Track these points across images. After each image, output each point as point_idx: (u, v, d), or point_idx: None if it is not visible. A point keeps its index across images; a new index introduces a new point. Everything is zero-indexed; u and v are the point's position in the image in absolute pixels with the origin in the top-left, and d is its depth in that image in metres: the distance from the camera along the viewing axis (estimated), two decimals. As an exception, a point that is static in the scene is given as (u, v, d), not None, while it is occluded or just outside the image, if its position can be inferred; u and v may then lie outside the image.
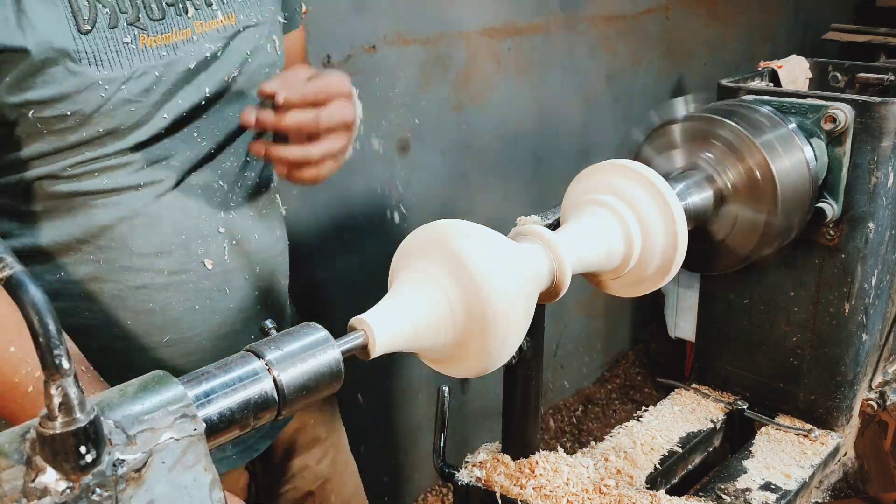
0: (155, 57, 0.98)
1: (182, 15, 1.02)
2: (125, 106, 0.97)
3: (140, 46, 0.97)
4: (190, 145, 1.07)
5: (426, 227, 0.79)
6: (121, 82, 0.95)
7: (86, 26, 0.92)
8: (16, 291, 0.44)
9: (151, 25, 0.98)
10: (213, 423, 0.58)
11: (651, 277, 0.91)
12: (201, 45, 1.04)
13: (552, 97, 2.80)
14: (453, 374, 0.80)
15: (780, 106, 1.08)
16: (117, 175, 1.02)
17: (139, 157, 1.03)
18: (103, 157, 1.00)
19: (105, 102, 0.95)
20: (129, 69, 0.95)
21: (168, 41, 1.00)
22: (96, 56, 0.92)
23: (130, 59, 0.96)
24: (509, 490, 0.97)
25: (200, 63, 1.04)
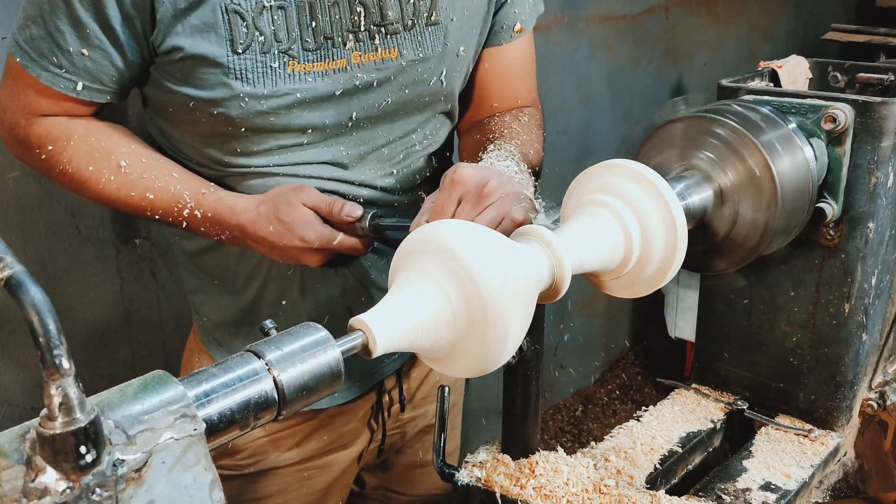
0: (300, 81, 1.08)
1: (339, 47, 1.09)
2: (264, 117, 1.08)
3: (288, 71, 1.07)
4: (334, 157, 1.16)
5: (426, 227, 0.79)
6: (261, 98, 1.07)
7: (239, 49, 1.04)
8: (16, 291, 0.44)
9: (303, 55, 1.07)
10: (213, 423, 0.58)
11: (651, 277, 0.91)
12: (353, 75, 1.11)
13: (552, 97, 2.80)
14: (453, 374, 0.80)
15: (780, 106, 1.08)
16: (264, 171, 1.14)
17: (282, 160, 1.14)
18: (252, 155, 1.13)
19: (246, 111, 1.07)
20: (270, 88, 1.07)
21: (318, 69, 1.09)
22: (243, 74, 1.05)
23: (274, 81, 1.07)
24: (509, 490, 0.97)
25: (349, 90, 1.12)
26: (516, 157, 1.14)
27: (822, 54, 2.64)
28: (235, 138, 1.12)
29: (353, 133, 1.16)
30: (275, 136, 1.12)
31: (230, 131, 1.11)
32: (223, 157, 1.14)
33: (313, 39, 1.07)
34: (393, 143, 1.20)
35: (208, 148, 1.15)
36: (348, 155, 1.17)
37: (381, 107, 1.15)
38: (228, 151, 1.14)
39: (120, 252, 1.66)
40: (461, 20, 1.18)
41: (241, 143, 1.12)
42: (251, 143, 1.12)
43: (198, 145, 1.15)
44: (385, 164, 1.21)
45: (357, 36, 1.10)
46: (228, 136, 1.12)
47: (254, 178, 1.15)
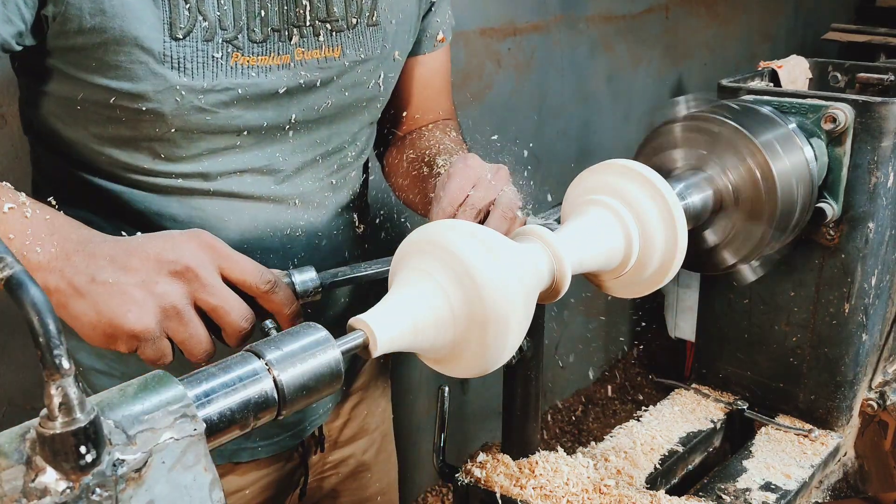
0: (242, 76, 0.99)
1: (285, 41, 1.02)
2: (200, 114, 0.97)
3: (230, 63, 0.97)
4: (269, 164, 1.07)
5: (426, 226, 0.79)
6: (199, 92, 0.96)
7: (179, 34, 0.92)
8: (16, 291, 0.44)
9: (248, 46, 0.98)
10: (213, 423, 0.58)
11: (651, 278, 0.91)
12: (297, 73, 1.04)
13: (552, 97, 2.80)
14: (453, 374, 0.80)
15: (780, 106, 1.08)
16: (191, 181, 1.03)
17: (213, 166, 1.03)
18: (178, 160, 1.01)
19: (180, 107, 0.95)
20: (210, 81, 0.96)
21: (262, 63, 1.00)
22: (181, 63, 0.94)
23: (215, 73, 0.96)
24: (509, 490, 0.97)
25: (292, 89, 1.04)
26: None
27: (822, 54, 2.64)
28: (160, 141, 0.99)
29: (289, 136, 1.08)
30: (207, 137, 1.01)
31: (156, 133, 0.98)
32: (138, 164, 1.01)
33: (260, 30, 0.99)
34: (330, 154, 1.14)
35: (121, 152, 1.00)
36: (284, 161, 1.08)
37: (320, 109, 1.09)
38: (149, 155, 1.01)
39: (120, 252, 1.66)
40: (398, 23, 1.14)
41: (166, 146, 1.00)
42: (178, 147, 1.00)
43: (105, 149, 1.01)
44: (322, 175, 1.14)
45: (301, 31, 1.03)
46: (152, 139, 0.99)
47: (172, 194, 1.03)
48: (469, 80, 2.45)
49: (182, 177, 1.03)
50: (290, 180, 1.10)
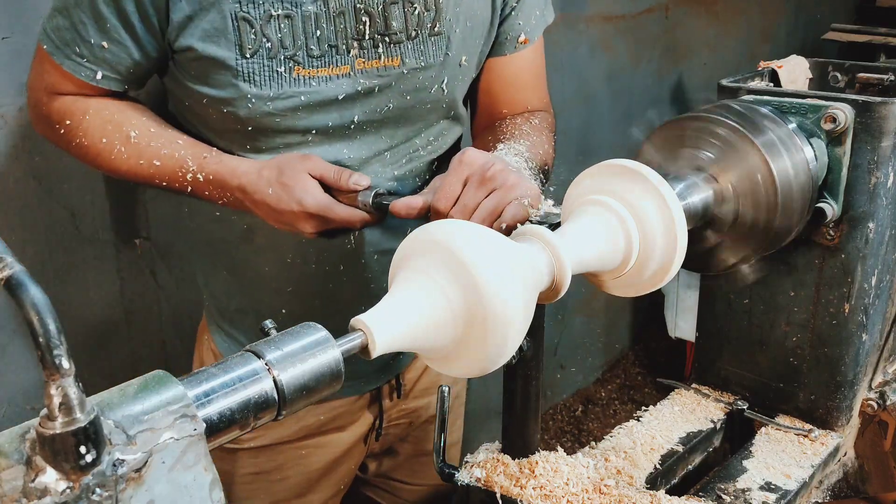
0: (305, 85, 1.12)
1: (343, 54, 1.13)
2: (270, 117, 1.13)
3: (293, 75, 1.11)
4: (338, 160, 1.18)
5: (426, 227, 0.79)
6: (267, 100, 1.11)
7: (247, 53, 1.09)
8: (16, 291, 0.44)
9: (308, 60, 1.11)
10: (213, 423, 0.58)
11: (651, 277, 0.91)
12: (356, 81, 1.15)
13: (552, 97, 2.80)
14: (453, 373, 0.80)
15: (780, 106, 1.08)
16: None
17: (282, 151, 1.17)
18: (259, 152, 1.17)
19: (252, 112, 1.12)
20: (276, 91, 1.11)
21: (322, 74, 1.13)
22: (251, 76, 1.10)
23: (280, 84, 1.11)
24: (509, 490, 0.97)
25: (352, 95, 1.15)
26: (525, 155, 1.18)
27: (822, 54, 2.65)
28: (243, 135, 1.16)
29: (356, 136, 1.19)
30: (280, 135, 1.16)
31: (238, 129, 1.15)
32: (232, 150, 1.19)
33: (318, 47, 1.11)
34: (396, 148, 1.23)
35: (219, 140, 1.20)
36: (351, 158, 1.20)
37: (382, 111, 1.19)
38: (237, 146, 1.18)
39: (120, 252, 1.66)
40: (464, 31, 1.21)
41: (249, 140, 1.17)
42: (257, 141, 1.17)
43: (210, 137, 1.20)
44: (388, 168, 1.24)
45: (361, 44, 1.13)
46: (237, 133, 1.16)
47: None
48: (469, 80, 2.45)
49: None
50: (357, 170, 1.18)
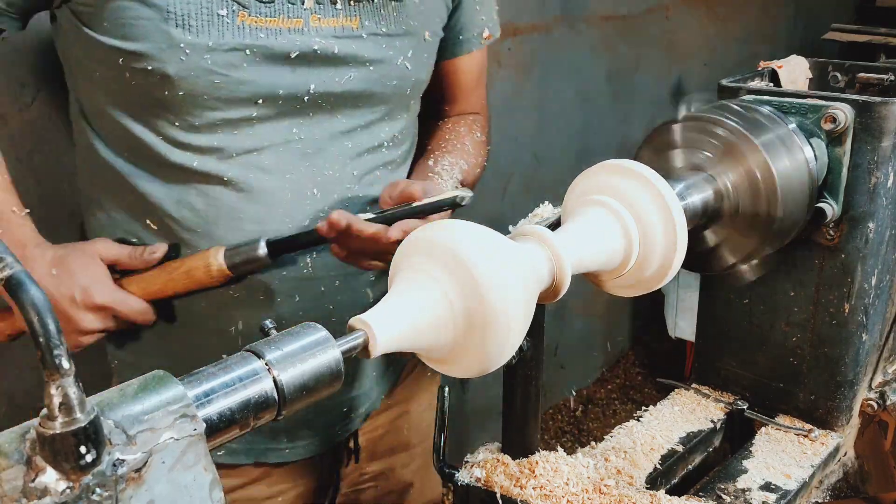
0: (250, 36, 0.95)
1: (296, 4, 0.98)
2: (208, 76, 0.95)
3: (237, 22, 0.94)
4: (288, 143, 1.03)
5: (426, 226, 0.79)
6: (203, 51, 0.93)
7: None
8: (16, 291, 0.44)
9: (255, 5, 0.96)
10: (213, 423, 0.58)
11: (651, 277, 0.91)
12: (311, 38, 1.00)
13: (552, 97, 2.80)
14: (453, 374, 0.80)
15: (780, 106, 1.08)
16: (206, 160, 1.02)
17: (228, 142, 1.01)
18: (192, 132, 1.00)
19: (186, 67, 0.94)
20: (215, 40, 0.93)
21: (271, 24, 0.97)
22: (185, 19, 0.92)
23: (221, 31, 0.94)
24: (509, 490, 0.97)
25: (307, 55, 1.00)
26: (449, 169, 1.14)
27: (822, 54, 2.64)
28: (172, 107, 0.98)
29: (309, 112, 1.04)
30: (219, 105, 0.98)
31: (166, 97, 0.97)
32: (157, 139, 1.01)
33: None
34: (355, 133, 1.09)
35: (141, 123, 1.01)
36: (302, 139, 1.05)
37: (342, 82, 1.04)
38: (165, 125, 1.00)
39: (120, 252, 1.66)
40: (424, 3, 1.11)
41: (178, 114, 0.98)
42: (191, 115, 0.99)
43: (120, 116, 1.01)
44: (348, 163, 1.09)
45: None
46: (161, 106, 0.98)
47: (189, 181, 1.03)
48: (469, 80, 2.45)
49: (197, 151, 1.01)
50: (311, 160, 1.06)
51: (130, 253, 1.02)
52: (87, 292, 0.98)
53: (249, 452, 1.18)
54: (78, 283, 0.98)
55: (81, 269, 0.98)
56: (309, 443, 1.22)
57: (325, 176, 1.08)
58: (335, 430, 1.25)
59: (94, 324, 1.00)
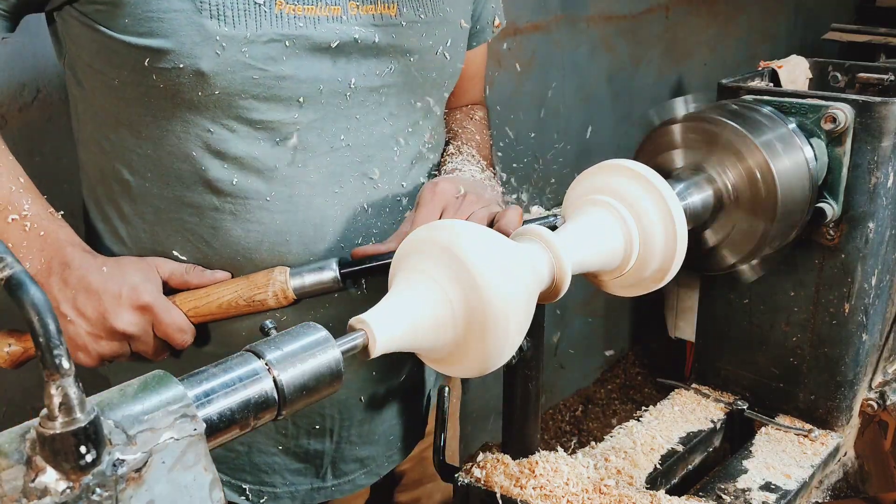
0: (289, 25, 0.89)
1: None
2: (245, 71, 0.88)
3: (275, 11, 0.88)
4: (333, 150, 0.98)
5: (426, 227, 0.79)
6: (241, 43, 0.87)
7: None
8: (16, 291, 0.44)
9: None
10: (213, 423, 0.58)
11: (651, 277, 0.91)
12: (350, 27, 0.94)
13: (552, 97, 2.80)
14: (453, 373, 0.80)
15: (780, 106, 1.08)
16: (248, 177, 0.95)
17: (271, 153, 0.94)
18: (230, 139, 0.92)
19: (222, 62, 0.87)
20: (253, 31, 0.87)
21: (310, 13, 0.90)
22: (220, 9, 0.85)
23: (258, 21, 0.87)
24: (509, 490, 0.97)
25: (347, 45, 0.94)
26: (477, 159, 1.11)
27: (822, 54, 2.64)
28: (206, 111, 0.90)
29: (353, 110, 0.98)
30: (257, 105, 0.91)
31: (199, 98, 0.89)
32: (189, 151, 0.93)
33: None
34: (402, 136, 1.04)
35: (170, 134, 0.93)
36: (350, 146, 0.99)
37: (382, 74, 0.99)
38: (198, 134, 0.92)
39: (120, 252, 1.66)
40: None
41: (211, 118, 0.91)
42: (227, 120, 0.91)
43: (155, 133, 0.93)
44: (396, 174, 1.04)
45: None
46: (196, 110, 0.90)
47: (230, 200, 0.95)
48: (469, 80, 2.45)
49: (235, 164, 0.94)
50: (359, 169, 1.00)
51: (188, 269, 0.96)
52: (136, 290, 0.92)
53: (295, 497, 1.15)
54: (128, 280, 0.92)
55: (135, 269, 0.94)
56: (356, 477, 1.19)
57: (376, 189, 1.02)
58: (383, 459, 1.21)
59: (130, 326, 0.92)
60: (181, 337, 0.95)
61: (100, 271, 0.92)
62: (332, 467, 1.16)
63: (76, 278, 0.92)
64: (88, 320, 0.92)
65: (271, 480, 1.12)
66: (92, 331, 0.93)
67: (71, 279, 0.92)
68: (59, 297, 0.91)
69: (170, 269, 0.96)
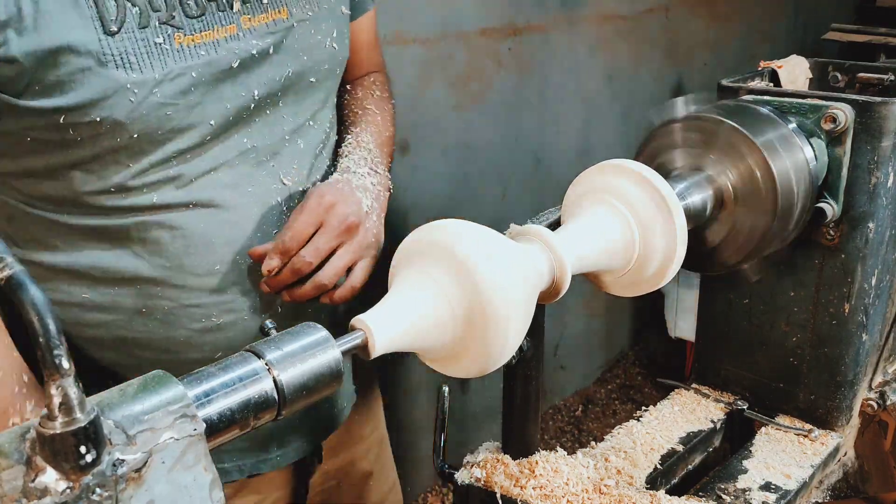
0: (192, 56, 0.92)
1: (226, 10, 0.95)
2: (159, 110, 0.90)
3: (175, 46, 0.90)
4: (242, 154, 1.01)
5: (426, 227, 0.79)
6: (152, 85, 0.89)
7: (112, 27, 0.86)
8: (16, 291, 0.44)
9: (188, 23, 0.92)
10: (213, 423, 0.58)
11: (651, 277, 0.91)
12: (247, 42, 0.97)
13: (552, 97, 2.80)
14: (453, 374, 0.80)
15: (780, 106, 1.08)
16: (165, 191, 0.97)
17: (185, 168, 0.97)
18: (148, 170, 0.95)
19: (137, 107, 0.88)
20: (161, 71, 0.89)
21: (208, 38, 0.93)
22: (124, 58, 0.86)
23: (163, 61, 0.89)
24: (509, 490, 0.97)
25: (246, 61, 0.97)
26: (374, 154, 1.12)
27: (822, 54, 2.64)
28: (125, 151, 0.92)
29: (256, 117, 1.01)
30: (172, 137, 0.94)
31: (117, 143, 0.91)
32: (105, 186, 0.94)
33: (195, 3, 0.92)
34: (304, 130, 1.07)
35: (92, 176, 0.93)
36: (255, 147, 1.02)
37: (281, 79, 1.01)
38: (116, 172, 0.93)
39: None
40: None
41: (133, 156, 0.92)
42: (144, 154, 0.93)
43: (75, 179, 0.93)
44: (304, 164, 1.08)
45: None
46: (115, 152, 0.92)
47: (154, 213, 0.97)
48: (469, 80, 2.45)
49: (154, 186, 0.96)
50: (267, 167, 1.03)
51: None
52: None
53: (241, 469, 1.17)
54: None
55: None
56: (298, 445, 1.22)
57: (286, 183, 1.06)
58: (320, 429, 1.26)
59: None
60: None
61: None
62: (278, 440, 1.18)
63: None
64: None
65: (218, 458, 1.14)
66: None
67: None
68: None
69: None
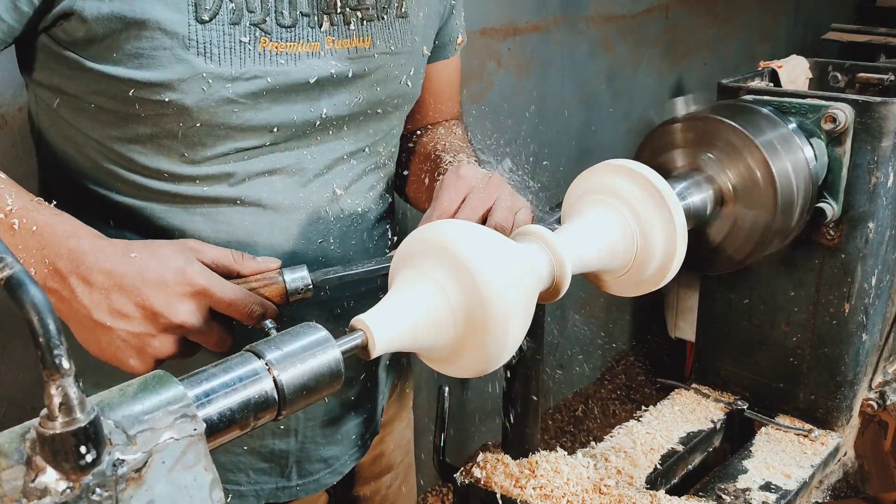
0: (272, 63, 0.93)
1: (315, 28, 0.96)
2: (227, 105, 0.91)
3: (258, 49, 0.91)
4: (298, 163, 1.01)
5: (426, 227, 0.79)
6: (226, 80, 0.90)
7: (205, 16, 0.87)
8: (16, 291, 0.44)
9: (277, 31, 0.93)
10: (213, 423, 0.58)
11: (651, 277, 0.91)
12: (327, 62, 0.98)
13: (552, 97, 2.80)
14: (453, 374, 0.80)
15: (780, 106, 1.08)
16: (216, 185, 0.97)
17: (240, 167, 0.97)
18: (203, 162, 0.95)
19: (207, 97, 0.89)
20: (238, 69, 0.90)
21: (291, 50, 0.94)
22: (207, 48, 0.88)
23: (243, 59, 0.90)
24: (509, 490, 0.97)
25: (323, 80, 0.98)
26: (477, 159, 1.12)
27: (822, 54, 2.64)
28: (184, 139, 0.93)
29: (318, 136, 1.03)
30: (233, 135, 0.95)
31: (178, 128, 0.92)
32: (159, 167, 0.94)
33: (288, 13, 0.94)
34: (358, 155, 1.08)
35: (140, 154, 0.94)
36: (315, 160, 1.03)
37: (351, 105, 1.03)
38: (171, 157, 0.94)
39: (120, 252, 1.66)
40: (425, 17, 1.12)
41: (191, 145, 0.93)
42: (203, 147, 0.94)
43: (125, 152, 0.94)
44: (355, 180, 1.09)
45: (332, 18, 0.98)
46: (174, 138, 0.93)
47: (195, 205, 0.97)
48: (469, 80, 2.45)
49: (206, 180, 0.96)
50: (321, 178, 1.04)
51: (235, 256, 0.88)
52: (183, 273, 0.81)
53: (258, 495, 1.15)
54: (169, 264, 0.81)
55: (172, 252, 0.83)
56: (321, 476, 1.19)
57: (338, 193, 1.07)
58: (346, 458, 1.22)
59: (191, 317, 0.81)
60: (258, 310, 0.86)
61: (127, 260, 0.80)
62: (297, 467, 1.16)
63: (100, 274, 0.79)
64: (133, 320, 0.80)
65: (236, 479, 1.12)
66: (141, 331, 0.80)
67: (94, 277, 0.79)
68: (89, 305, 0.79)
69: (213, 256, 0.86)
